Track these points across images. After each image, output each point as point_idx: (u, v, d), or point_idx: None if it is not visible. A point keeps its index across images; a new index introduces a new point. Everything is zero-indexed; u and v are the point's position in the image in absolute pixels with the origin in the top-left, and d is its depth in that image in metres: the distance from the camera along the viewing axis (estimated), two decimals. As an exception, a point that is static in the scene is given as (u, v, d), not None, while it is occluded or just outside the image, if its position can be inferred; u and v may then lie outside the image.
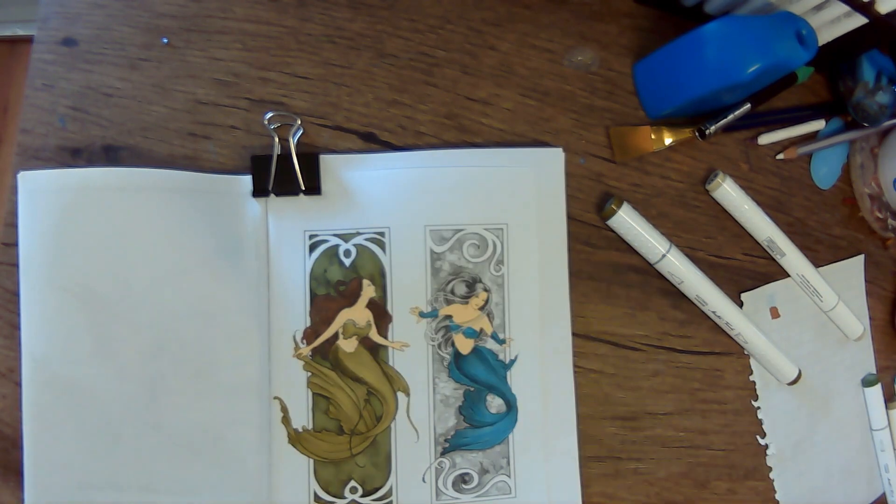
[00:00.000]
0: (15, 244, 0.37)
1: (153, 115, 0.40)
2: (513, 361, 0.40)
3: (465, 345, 0.40)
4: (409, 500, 0.39)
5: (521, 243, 0.40)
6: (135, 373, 0.37)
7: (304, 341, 0.38)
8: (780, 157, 0.47)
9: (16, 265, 0.39)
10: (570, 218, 0.43)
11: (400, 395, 0.39)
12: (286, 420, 0.38)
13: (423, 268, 0.39)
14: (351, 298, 0.38)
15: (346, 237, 0.38)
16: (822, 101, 0.49)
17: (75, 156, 0.40)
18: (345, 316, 0.38)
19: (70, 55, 0.40)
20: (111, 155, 0.40)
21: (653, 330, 0.44)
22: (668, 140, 0.44)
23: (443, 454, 0.40)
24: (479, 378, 0.40)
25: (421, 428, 0.39)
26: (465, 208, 0.40)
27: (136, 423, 0.37)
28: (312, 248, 0.38)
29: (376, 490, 0.39)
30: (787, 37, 0.38)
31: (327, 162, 0.39)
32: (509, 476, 0.40)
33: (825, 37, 0.42)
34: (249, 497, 0.37)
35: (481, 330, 0.40)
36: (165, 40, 0.41)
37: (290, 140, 0.38)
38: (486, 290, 0.40)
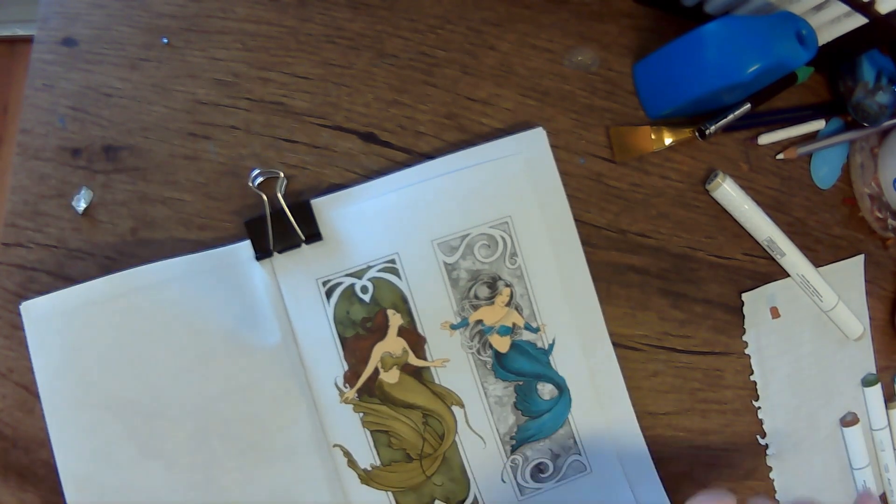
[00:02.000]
0: (29, 364, 0.37)
1: (153, 115, 0.40)
2: (552, 346, 0.40)
3: (502, 343, 0.40)
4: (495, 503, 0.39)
5: (529, 230, 0.40)
6: (185, 463, 0.36)
7: (347, 385, 0.38)
8: (780, 157, 0.47)
9: (16, 266, 0.39)
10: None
11: (455, 408, 0.39)
12: (352, 463, 0.38)
13: (441, 282, 0.39)
14: (380, 332, 0.38)
15: (358, 274, 0.38)
16: (822, 101, 0.49)
17: (75, 156, 0.40)
18: (379, 350, 0.38)
19: (70, 55, 0.40)
20: (111, 155, 0.40)
21: (653, 330, 0.44)
22: (668, 140, 0.44)
23: (513, 451, 0.40)
24: (524, 371, 0.40)
25: (484, 433, 0.40)
26: (465, 212, 0.39)
27: None
28: (329, 293, 0.38)
29: (462, 502, 0.39)
30: (787, 37, 0.38)
31: (319, 205, 0.39)
32: (580, 454, 0.41)
33: (825, 37, 0.42)
34: None
35: (514, 324, 0.40)
36: (165, 40, 0.41)
37: (279, 195, 0.38)
38: (507, 285, 0.40)
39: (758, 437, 0.45)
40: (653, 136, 0.44)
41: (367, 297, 0.38)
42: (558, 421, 0.40)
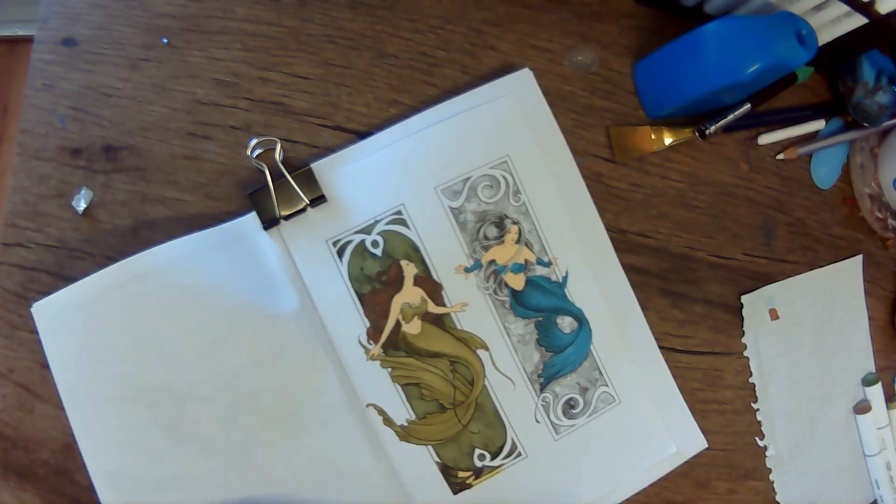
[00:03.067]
0: (46, 366, 0.37)
1: (153, 115, 0.40)
2: (566, 278, 0.41)
3: (517, 281, 0.40)
4: (534, 445, 0.40)
5: (529, 166, 0.40)
6: (220, 443, 0.36)
7: (371, 342, 0.38)
8: (780, 157, 0.47)
9: (16, 266, 0.39)
10: (570, 218, 0.43)
11: (480, 352, 0.39)
12: (388, 421, 0.38)
13: (449, 227, 0.39)
14: (397, 284, 0.38)
15: (367, 229, 0.38)
16: (822, 101, 0.49)
17: (75, 156, 0.40)
18: (398, 302, 0.38)
19: (70, 55, 0.40)
20: (111, 155, 0.40)
21: (653, 330, 0.43)
22: (668, 140, 0.44)
23: (542, 390, 0.40)
24: (542, 306, 0.40)
25: (512, 374, 0.40)
26: (463, 156, 0.40)
27: (242, 485, 0.36)
28: (340, 252, 0.38)
29: (501, 448, 0.39)
30: (787, 37, 0.38)
31: (320, 168, 0.39)
32: (607, 385, 0.41)
33: (825, 37, 0.42)
34: None
35: (526, 261, 0.40)
36: (165, 40, 0.41)
37: (279, 162, 0.38)
38: (514, 222, 0.40)
39: (756, 438, 0.45)
40: (653, 136, 0.44)
41: (378, 251, 0.38)
42: (582, 353, 0.41)
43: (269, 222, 0.37)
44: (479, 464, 0.39)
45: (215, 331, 0.36)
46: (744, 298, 0.45)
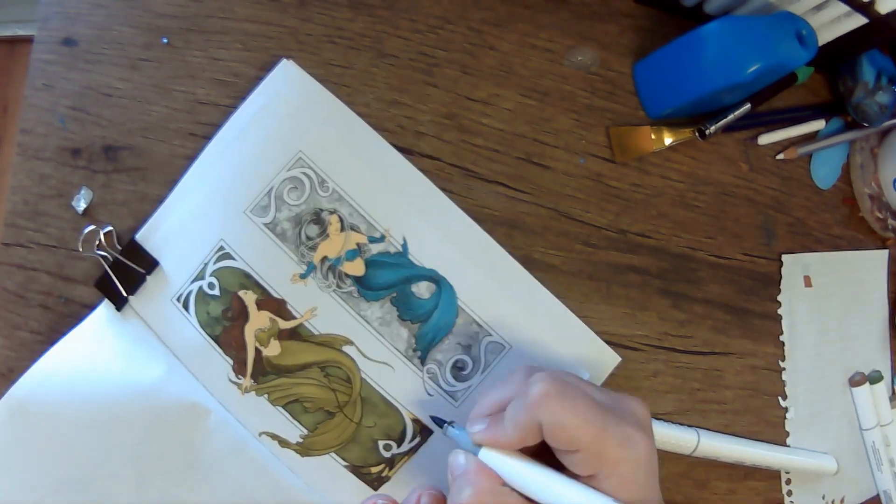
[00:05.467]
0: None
1: (153, 115, 0.40)
2: (405, 245, 0.40)
3: (356, 267, 0.39)
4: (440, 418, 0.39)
5: (325, 152, 0.39)
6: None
7: (240, 376, 0.38)
8: (780, 157, 0.47)
9: (16, 266, 0.39)
10: (570, 218, 0.43)
11: (346, 348, 0.39)
12: (284, 443, 0.38)
13: (270, 243, 0.39)
14: (243, 315, 0.38)
15: (200, 275, 0.39)
16: (822, 101, 0.49)
17: (75, 156, 0.40)
18: (250, 331, 0.38)
19: (70, 55, 0.40)
20: (111, 155, 0.40)
21: (653, 330, 0.44)
22: (668, 140, 0.44)
23: (424, 363, 0.39)
24: (391, 281, 0.39)
25: (387, 358, 0.39)
26: (259, 170, 0.39)
27: None
28: (185, 305, 0.38)
29: (403, 433, 0.39)
30: (787, 37, 0.38)
31: (145, 236, 0.39)
32: (491, 334, 0.40)
33: (825, 37, 0.42)
34: None
35: (358, 244, 0.39)
36: (165, 40, 0.41)
37: (107, 248, 0.38)
38: (332, 212, 0.39)
39: (779, 398, 0.46)
40: (653, 136, 0.44)
41: (216, 292, 0.38)
42: (451, 312, 0.39)
43: (120, 303, 0.38)
44: (387, 454, 0.39)
45: (104, 423, 0.37)
46: (784, 258, 0.46)
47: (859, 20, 0.40)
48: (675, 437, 0.41)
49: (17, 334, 0.38)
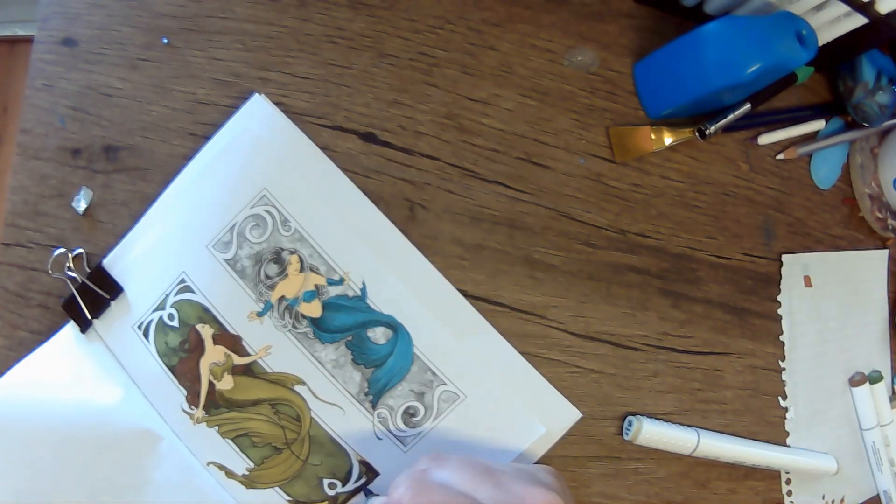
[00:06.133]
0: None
1: (153, 115, 0.40)
2: (363, 289, 0.40)
3: (313, 308, 0.39)
4: (384, 462, 0.39)
5: (289, 192, 0.40)
6: None
7: (193, 407, 0.39)
8: (780, 157, 0.47)
9: (16, 266, 0.39)
10: (570, 218, 0.43)
11: (298, 388, 0.39)
12: (230, 474, 0.39)
13: (230, 279, 0.39)
14: (199, 348, 0.39)
15: (161, 305, 0.39)
16: (822, 101, 0.49)
17: (75, 156, 0.40)
18: (205, 364, 0.39)
19: (70, 55, 0.40)
20: (111, 155, 0.40)
21: (653, 330, 0.44)
22: (668, 140, 0.44)
23: (375, 406, 0.39)
24: (347, 325, 0.39)
25: (337, 400, 0.39)
26: (223, 206, 0.39)
27: None
28: (146, 333, 0.39)
29: (349, 473, 0.39)
30: (787, 37, 0.38)
31: (112, 262, 0.39)
32: (446, 383, 0.40)
33: (825, 37, 0.42)
34: None
35: (316, 286, 0.39)
36: (165, 40, 0.41)
37: (73, 273, 0.39)
38: (292, 252, 0.39)
39: (779, 398, 0.46)
40: (653, 136, 0.44)
41: (175, 323, 0.39)
42: (405, 359, 0.39)
43: (84, 325, 0.39)
44: (331, 492, 0.39)
45: (58, 439, 0.37)
46: (784, 258, 0.46)
47: (859, 20, 0.40)
48: (675, 437, 0.41)
49: (17, 334, 0.38)
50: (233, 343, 0.39)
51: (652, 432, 0.41)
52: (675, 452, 0.43)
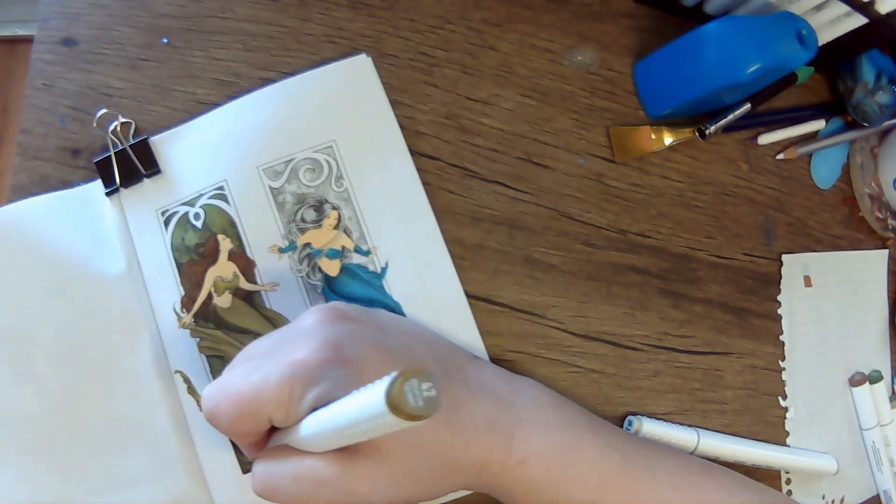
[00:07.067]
0: None
1: (153, 115, 0.40)
2: (384, 269, 0.40)
3: (331, 266, 0.39)
4: None
5: (355, 154, 0.40)
6: (51, 388, 0.37)
7: (184, 310, 0.38)
8: (780, 157, 0.47)
9: (16, 265, 0.39)
10: (570, 218, 0.43)
11: None
12: (192, 390, 0.38)
13: (267, 206, 0.39)
14: (212, 257, 0.39)
15: (191, 202, 0.39)
16: (822, 101, 0.49)
17: (75, 156, 0.40)
18: (212, 275, 0.39)
19: (70, 55, 0.40)
20: (111, 155, 0.40)
21: (653, 330, 0.44)
22: (668, 140, 0.44)
23: None
24: (356, 295, 0.39)
25: None
26: (288, 138, 0.40)
27: (64, 435, 0.37)
28: (167, 222, 0.39)
29: None
30: (787, 37, 0.38)
31: (158, 142, 0.40)
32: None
33: (825, 37, 0.42)
34: (183, 476, 0.37)
35: (343, 247, 0.39)
36: (165, 40, 0.41)
37: (120, 136, 0.39)
38: (334, 208, 0.39)
39: (779, 398, 0.46)
40: (653, 136, 0.44)
41: (199, 224, 0.39)
42: None
43: (111, 189, 0.39)
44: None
45: (51, 283, 0.37)
46: (784, 258, 0.46)
47: (859, 20, 0.40)
48: (676, 437, 0.41)
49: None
50: (245, 265, 0.39)
51: (652, 432, 0.41)
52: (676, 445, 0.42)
